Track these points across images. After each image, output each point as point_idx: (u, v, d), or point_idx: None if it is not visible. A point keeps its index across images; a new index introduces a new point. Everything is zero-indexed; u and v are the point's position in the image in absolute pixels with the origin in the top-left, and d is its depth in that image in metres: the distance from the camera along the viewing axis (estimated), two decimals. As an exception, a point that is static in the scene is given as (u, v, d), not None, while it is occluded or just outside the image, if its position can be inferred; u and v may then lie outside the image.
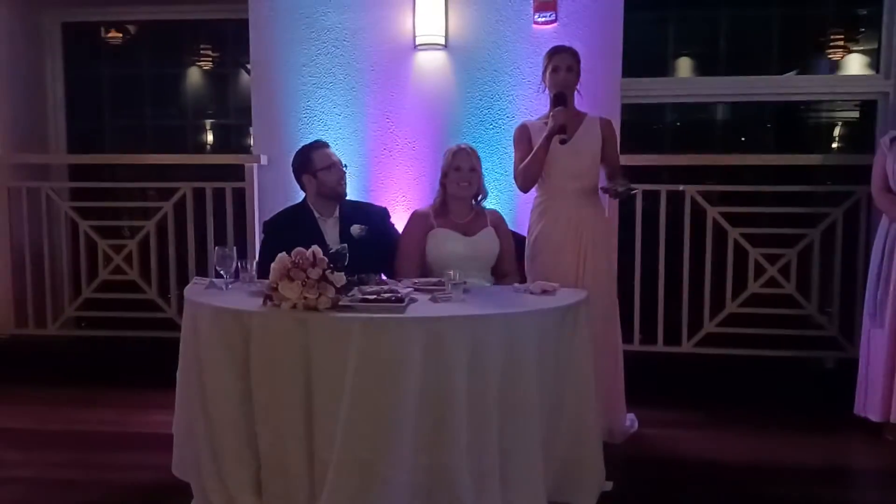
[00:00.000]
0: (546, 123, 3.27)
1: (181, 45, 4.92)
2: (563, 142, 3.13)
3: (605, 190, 3.17)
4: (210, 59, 4.94)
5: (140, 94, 4.98)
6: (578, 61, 3.28)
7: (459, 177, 3.39)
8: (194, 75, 4.96)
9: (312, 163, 3.45)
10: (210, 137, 5.02)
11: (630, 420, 3.41)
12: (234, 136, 4.92)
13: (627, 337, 3.83)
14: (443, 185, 3.44)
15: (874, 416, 3.36)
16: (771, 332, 3.99)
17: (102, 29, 4.95)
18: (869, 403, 3.39)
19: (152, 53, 4.96)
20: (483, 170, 3.52)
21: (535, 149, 3.20)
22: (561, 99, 3.20)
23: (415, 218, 3.48)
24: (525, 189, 3.32)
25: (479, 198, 3.51)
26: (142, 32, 4.97)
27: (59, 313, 4.43)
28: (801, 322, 4.02)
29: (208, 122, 5.02)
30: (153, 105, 4.99)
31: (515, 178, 3.32)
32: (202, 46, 4.92)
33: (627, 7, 4.03)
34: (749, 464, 3.15)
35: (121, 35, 4.98)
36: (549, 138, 3.15)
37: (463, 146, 3.46)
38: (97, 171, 4.73)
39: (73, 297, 4.49)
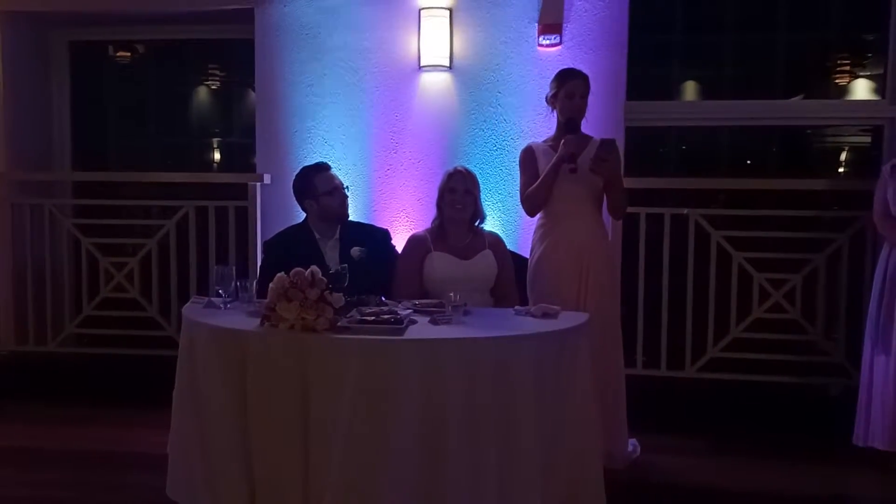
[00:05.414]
0: (552, 146, 3.26)
1: (188, 64, 4.94)
2: (572, 171, 3.12)
3: (594, 168, 3.10)
4: (217, 78, 4.95)
5: (146, 112, 4.99)
6: (589, 86, 3.28)
7: (453, 199, 3.35)
8: (201, 94, 4.97)
9: (315, 187, 3.42)
10: (216, 156, 5.02)
11: (632, 445, 3.37)
12: (240, 155, 4.93)
13: (630, 361, 3.80)
14: (439, 207, 3.42)
15: (880, 445, 3.29)
16: (775, 358, 3.94)
17: (110, 48, 4.96)
18: (873, 432, 3.32)
19: (159, 72, 4.98)
20: (487, 191, 3.49)
21: (542, 175, 3.19)
22: (572, 126, 3.19)
23: (412, 242, 3.43)
24: (532, 214, 3.31)
25: (477, 222, 3.46)
26: (149, 52, 4.99)
27: (59, 330, 4.41)
28: (806, 348, 3.97)
29: (214, 140, 5.03)
30: (159, 124, 5.00)
31: (522, 202, 3.31)
32: (209, 66, 4.94)
33: (632, 30, 4.04)
34: (752, 491, 3.10)
35: (128, 54, 5.00)
36: (557, 166, 3.14)
37: (460, 168, 3.42)
38: (101, 188, 4.72)
39: (73, 314, 4.48)
